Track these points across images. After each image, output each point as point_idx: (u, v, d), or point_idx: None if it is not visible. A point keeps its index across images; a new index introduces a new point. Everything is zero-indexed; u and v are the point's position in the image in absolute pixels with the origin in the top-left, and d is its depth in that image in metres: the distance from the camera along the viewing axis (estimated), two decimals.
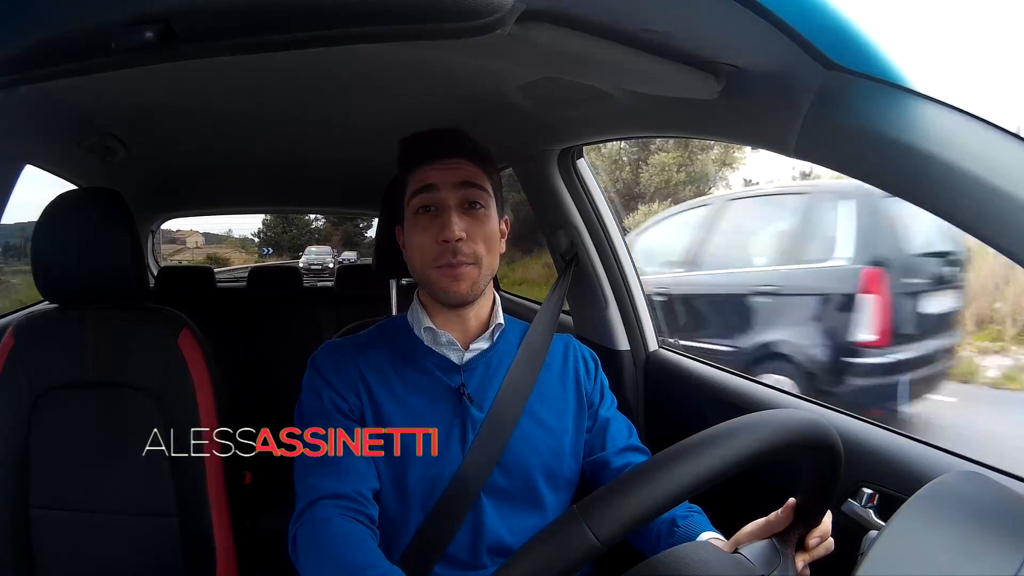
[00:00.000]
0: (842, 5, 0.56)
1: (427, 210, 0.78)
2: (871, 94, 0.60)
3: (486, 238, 0.78)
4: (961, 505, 0.48)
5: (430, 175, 0.78)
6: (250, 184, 2.13)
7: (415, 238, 0.78)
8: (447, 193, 0.77)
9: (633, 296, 1.30)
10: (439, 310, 0.82)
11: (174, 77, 0.98)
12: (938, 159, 0.55)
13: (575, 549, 0.42)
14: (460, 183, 0.77)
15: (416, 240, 0.78)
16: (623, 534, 0.42)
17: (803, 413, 0.51)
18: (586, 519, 0.42)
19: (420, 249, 0.78)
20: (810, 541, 0.61)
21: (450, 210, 0.76)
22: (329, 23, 0.44)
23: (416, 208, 0.78)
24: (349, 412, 0.78)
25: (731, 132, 0.81)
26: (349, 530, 0.70)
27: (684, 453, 0.45)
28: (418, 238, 0.78)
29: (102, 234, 0.97)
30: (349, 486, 0.73)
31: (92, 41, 0.43)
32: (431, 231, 0.76)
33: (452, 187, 0.77)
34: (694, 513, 0.76)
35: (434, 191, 0.77)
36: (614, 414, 0.88)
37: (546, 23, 0.58)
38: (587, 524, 0.42)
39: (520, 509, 0.80)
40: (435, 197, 0.77)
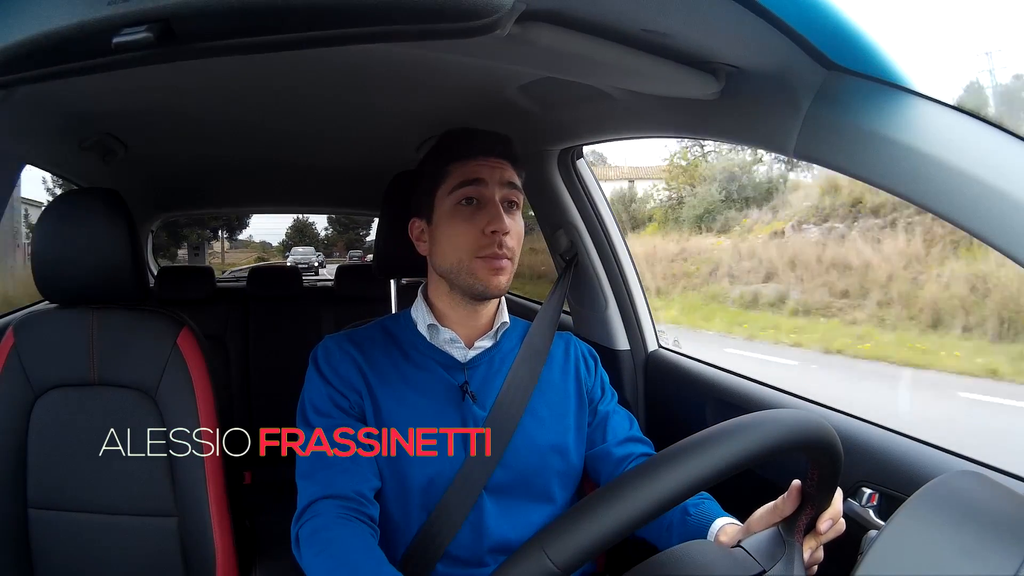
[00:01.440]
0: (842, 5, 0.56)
1: (470, 202, 0.79)
2: (871, 94, 0.60)
3: (519, 238, 0.81)
4: (961, 505, 0.48)
5: (479, 170, 0.79)
6: (250, 184, 2.13)
7: (456, 227, 0.79)
8: (495, 188, 0.79)
9: (633, 296, 1.30)
10: (452, 307, 0.82)
11: (174, 77, 0.98)
12: (937, 159, 0.55)
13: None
14: (505, 182, 0.80)
15: (458, 230, 0.79)
16: (584, 560, 0.43)
17: (788, 413, 0.51)
18: (545, 548, 0.43)
19: (461, 238, 0.79)
20: (821, 525, 0.60)
21: (498, 204, 0.78)
22: (329, 23, 0.44)
23: (458, 199, 0.79)
24: (350, 409, 0.78)
25: (731, 132, 0.81)
26: (351, 531, 0.70)
27: (648, 473, 0.45)
28: (461, 227, 0.79)
29: (102, 234, 0.97)
30: (350, 486, 0.73)
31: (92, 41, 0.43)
32: (475, 222, 0.78)
33: (499, 184, 0.79)
34: (705, 500, 0.76)
35: (481, 185, 0.79)
36: (615, 408, 0.88)
37: (546, 23, 0.58)
38: (546, 553, 0.43)
39: (523, 506, 0.80)
40: (482, 191, 0.79)
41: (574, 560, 0.43)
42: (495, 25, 0.43)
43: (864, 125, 0.60)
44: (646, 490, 0.45)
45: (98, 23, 0.41)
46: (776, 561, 0.57)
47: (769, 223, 5.93)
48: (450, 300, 0.82)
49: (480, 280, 0.78)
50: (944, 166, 0.55)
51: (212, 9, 0.41)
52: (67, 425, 0.98)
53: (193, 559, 0.97)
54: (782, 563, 0.57)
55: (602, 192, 1.33)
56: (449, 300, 0.82)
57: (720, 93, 0.72)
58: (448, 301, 0.82)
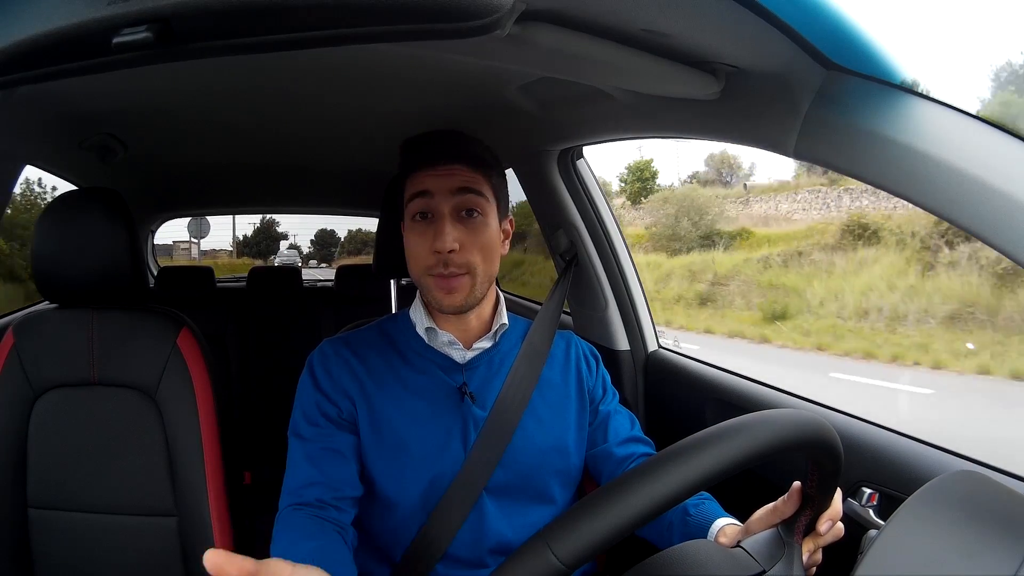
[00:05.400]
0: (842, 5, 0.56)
1: (423, 216, 0.77)
2: (870, 94, 0.60)
3: (482, 247, 0.77)
4: (960, 505, 0.48)
5: (425, 181, 0.77)
6: (250, 184, 2.13)
7: (411, 244, 0.78)
8: (441, 200, 0.76)
9: (633, 296, 1.30)
10: (440, 312, 0.82)
11: (174, 77, 0.98)
12: (937, 159, 0.55)
13: (539, 574, 0.42)
14: (456, 190, 0.76)
15: (412, 246, 0.78)
16: (588, 556, 0.43)
17: (784, 414, 0.51)
18: (550, 543, 0.43)
19: (415, 256, 0.78)
20: (820, 527, 0.60)
21: (444, 219, 0.75)
22: (328, 23, 0.44)
23: (412, 213, 0.77)
24: (337, 418, 0.78)
25: (731, 132, 0.81)
26: (315, 525, 0.71)
27: (651, 470, 0.45)
28: (413, 244, 0.78)
29: (102, 234, 0.97)
30: (319, 496, 0.73)
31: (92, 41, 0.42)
32: (426, 238, 0.76)
33: (447, 194, 0.76)
34: (705, 501, 0.76)
35: (428, 197, 0.76)
36: (616, 407, 0.88)
37: (546, 23, 0.58)
38: (550, 548, 0.43)
39: (523, 507, 0.80)
40: (430, 204, 0.76)
41: (578, 556, 0.42)
42: (495, 25, 0.43)
43: (864, 125, 0.60)
44: (650, 487, 0.44)
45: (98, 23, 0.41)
46: (776, 561, 0.57)
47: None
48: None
49: (435, 298, 0.77)
50: (944, 166, 0.55)
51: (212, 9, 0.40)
52: (67, 425, 0.98)
53: (193, 559, 0.97)
54: (782, 563, 0.57)
55: (602, 192, 1.33)
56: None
57: (720, 93, 0.72)
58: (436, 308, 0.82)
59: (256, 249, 15.68)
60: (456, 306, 0.77)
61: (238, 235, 15.10)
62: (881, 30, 0.59)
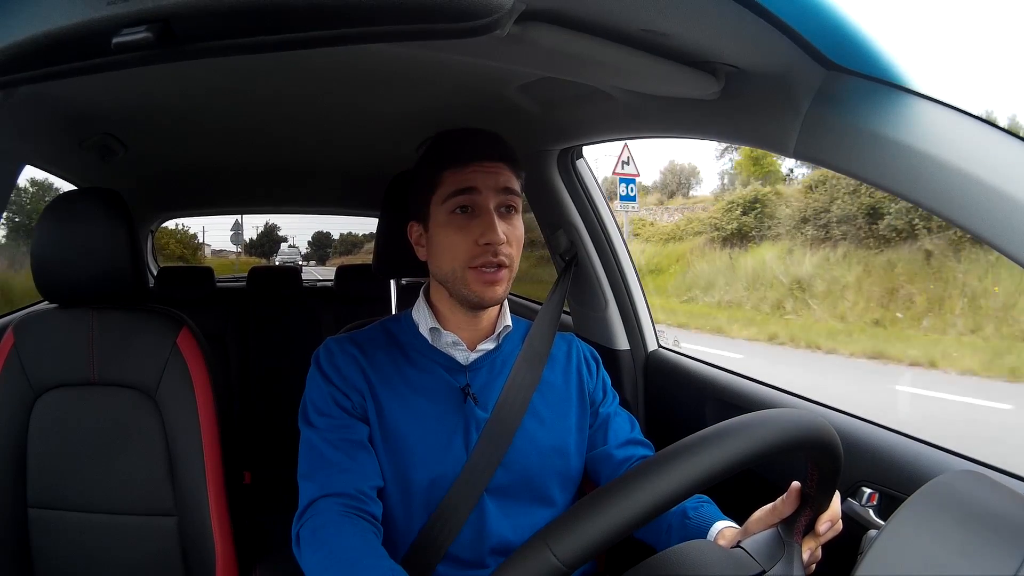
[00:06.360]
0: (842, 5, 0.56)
1: (464, 210, 0.77)
2: (870, 94, 0.60)
3: (518, 242, 0.79)
4: (960, 504, 0.48)
5: (472, 177, 0.77)
6: (250, 184, 2.13)
7: (450, 238, 0.77)
8: (489, 196, 0.77)
9: (633, 296, 1.30)
10: (452, 311, 0.81)
11: (174, 77, 0.98)
12: (937, 159, 0.55)
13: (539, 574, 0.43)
14: (501, 188, 0.77)
15: (451, 240, 0.77)
16: (588, 556, 0.43)
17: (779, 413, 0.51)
18: (550, 543, 0.43)
19: (453, 249, 0.77)
20: (820, 527, 0.61)
21: (492, 213, 0.76)
22: (328, 23, 0.44)
23: (452, 208, 0.77)
24: (352, 409, 0.78)
25: (731, 132, 0.81)
26: (352, 527, 0.70)
27: (651, 470, 0.46)
28: (454, 238, 0.77)
29: (102, 234, 0.97)
30: (352, 484, 0.73)
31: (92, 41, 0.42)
32: (469, 232, 0.76)
33: (493, 191, 0.77)
34: (704, 503, 0.76)
35: (475, 193, 0.76)
36: (616, 410, 0.88)
37: (546, 23, 0.58)
38: (550, 548, 0.43)
39: (524, 508, 0.80)
40: (476, 199, 0.77)
41: (578, 556, 0.43)
42: (495, 25, 0.43)
43: (864, 125, 0.60)
44: (650, 487, 0.45)
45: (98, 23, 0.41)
46: (776, 561, 0.57)
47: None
48: (450, 305, 0.81)
49: (474, 291, 0.77)
50: (944, 166, 0.55)
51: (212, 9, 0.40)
52: (67, 425, 0.98)
53: (193, 559, 0.97)
54: (781, 563, 0.57)
55: (601, 192, 1.33)
56: (450, 305, 0.82)
57: (720, 93, 0.72)
58: (449, 305, 0.82)
59: (260, 250, 17.21)
60: (497, 298, 0.78)
61: (245, 238, 16.36)
62: (881, 30, 0.59)
